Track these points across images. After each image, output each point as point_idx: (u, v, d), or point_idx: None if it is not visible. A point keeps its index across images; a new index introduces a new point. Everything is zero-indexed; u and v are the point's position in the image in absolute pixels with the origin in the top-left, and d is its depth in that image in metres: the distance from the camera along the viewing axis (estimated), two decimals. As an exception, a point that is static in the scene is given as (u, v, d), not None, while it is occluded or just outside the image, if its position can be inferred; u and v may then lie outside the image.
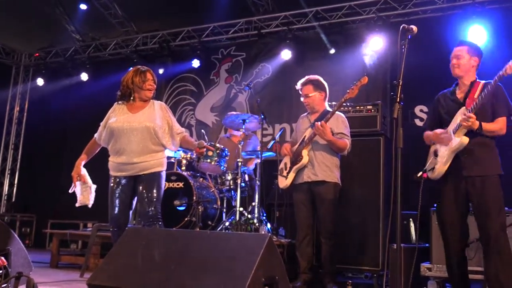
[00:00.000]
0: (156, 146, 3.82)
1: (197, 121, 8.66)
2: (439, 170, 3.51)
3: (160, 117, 3.87)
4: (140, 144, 3.77)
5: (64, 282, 4.44)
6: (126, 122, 3.81)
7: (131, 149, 3.77)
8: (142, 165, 3.77)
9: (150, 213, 3.70)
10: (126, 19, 9.04)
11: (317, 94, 4.69)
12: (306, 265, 4.58)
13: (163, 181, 3.89)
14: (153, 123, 3.78)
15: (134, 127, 3.78)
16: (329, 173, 4.53)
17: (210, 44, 8.74)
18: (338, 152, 4.56)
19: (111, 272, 2.74)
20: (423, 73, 6.20)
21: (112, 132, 3.83)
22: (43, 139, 9.81)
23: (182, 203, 5.78)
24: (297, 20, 7.91)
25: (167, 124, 3.90)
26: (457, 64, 3.58)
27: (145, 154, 3.78)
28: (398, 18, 7.17)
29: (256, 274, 2.39)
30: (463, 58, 3.57)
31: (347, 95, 4.39)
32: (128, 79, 3.94)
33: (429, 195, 3.63)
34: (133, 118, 3.82)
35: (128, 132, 3.78)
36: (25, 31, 9.33)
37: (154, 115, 3.85)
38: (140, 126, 3.77)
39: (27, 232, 9.13)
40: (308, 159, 4.57)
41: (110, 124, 3.85)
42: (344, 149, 4.52)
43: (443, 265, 4.19)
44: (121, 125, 3.80)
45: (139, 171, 3.78)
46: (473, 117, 3.31)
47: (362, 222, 4.97)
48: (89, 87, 9.26)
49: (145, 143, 3.78)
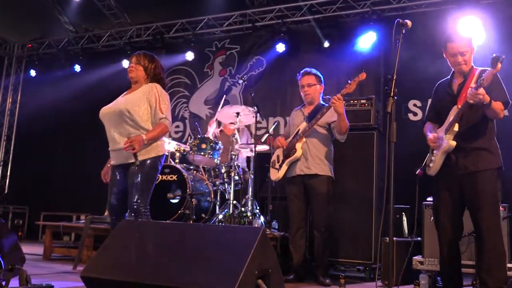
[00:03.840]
0: (137, 130, 3.59)
1: (190, 114, 8.64)
2: (434, 167, 3.52)
3: (143, 99, 3.64)
4: (119, 129, 3.61)
5: (57, 274, 4.43)
6: (107, 108, 3.70)
7: (113, 135, 3.66)
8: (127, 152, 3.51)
9: (133, 205, 3.54)
10: (120, 11, 8.98)
11: (318, 86, 4.73)
12: (299, 258, 4.60)
13: (153, 170, 3.65)
14: (126, 105, 3.57)
15: (111, 111, 3.64)
16: (322, 166, 4.55)
17: (204, 37, 8.71)
18: (342, 133, 4.52)
19: (105, 265, 2.74)
20: (417, 68, 6.21)
21: (101, 118, 3.75)
22: (36, 131, 9.76)
23: (175, 196, 5.77)
24: (291, 13, 7.90)
25: (149, 105, 3.65)
26: (463, 61, 3.48)
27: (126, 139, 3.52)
28: (393, 12, 7.17)
29: (249, 266, 2.39)
30: (468, 53, 3.48)
31: (344, 90, 4.36)
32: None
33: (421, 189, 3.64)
34: (114, 103, 3.70)
35: (108, 116, 3.67)
36: (18, 21, 9.25)
37: (134, 97, 3.66)
38: (113, 110, 3.62)
39: (19, 224, 9.10)
40: (301, 152, 4.59)
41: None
42: (347, 129, 4.51)
43: (435, 258, 4.23)
44: (103, 111, 3.71)
45: (126, 158, 3.59)
46: (481, 93, 3.15)
47: (355, 216, 4.99)
48: (82, 79, 9.23)
49: (124, 127, 3.59)
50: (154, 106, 3.65)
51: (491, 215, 3.34)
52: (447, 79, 3.69)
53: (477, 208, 3.34)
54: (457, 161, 3.42)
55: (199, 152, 5.66)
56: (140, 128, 3.60)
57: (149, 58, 3.87)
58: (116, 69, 8.91)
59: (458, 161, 3.42)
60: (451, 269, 3.54)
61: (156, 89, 3.70)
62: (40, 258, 5.73)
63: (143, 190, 3.57)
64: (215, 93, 8.53)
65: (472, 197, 3.38)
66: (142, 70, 3.81)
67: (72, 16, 9.24)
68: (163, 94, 3.73)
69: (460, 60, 3.48)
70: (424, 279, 4.37)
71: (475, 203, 3.36)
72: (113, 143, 3.68)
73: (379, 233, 4.67)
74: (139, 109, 3.61)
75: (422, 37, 6.19)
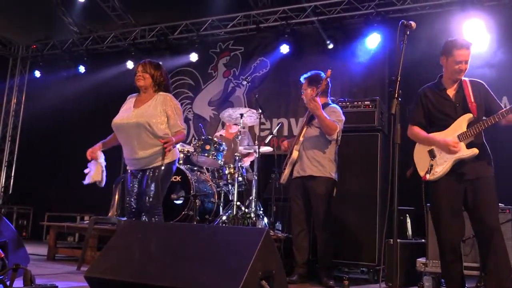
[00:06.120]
0: (154, 139, 3.83)
1: (194, 115, 8.65)
2: (441, 172, 3.50)
3: (160, 110, 3.89)
4: (138, 139, 3.84)
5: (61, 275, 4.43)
6: (124, 119, 3.89)
7: (132, 144, 3.87)
8: (145, 160, 3.85)
9: (148, 206, 3.78)
10: (124, 12, 9.00)
11: (309, 90, 4.70)
12: (302, 259, 4.60)
13: (168, 174, 3.94)
14: (146, 118, 3.81)
15: (130, 123, 3.84)
16: (319, 168, 4.54)
17: (208, 38, 8.72)
18: (327, 133, 4.49)
19: (108, 265, 2.74)
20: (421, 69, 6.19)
21: (115, 128, 3.96)
22: (40, 132, 9.79)
23: (179, 197, 5.79)
24: (295, 14, 7.90)
25: (166, 117, 3.91)
26: (465, 68, 3.52)
27: (146, 149, 3.83)
28: (397, 13, 7.16)
29: (253, 267, 2.40)
30: (468, 62, 3.53)
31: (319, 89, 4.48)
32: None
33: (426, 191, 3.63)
34: (132, 113, 3.90)
35: (126, 128, 3.87)
36: (22, 23, 9.28)
37: (151, 109, 3.88)
38: (134, 122, 3.83)
39: (24, 224, 9.13)
40: (297, 154, 4.62)
41: (113, 120, 3.95)
42: (332, 130, 4.46)
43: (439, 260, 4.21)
44: (120, 122, 3.90)
45: (144, 165, 3.88)
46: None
47: (359, 217, 4.98)
48: (87, 80, 9.26)
49: (143, 138, 3.83)
50: (171, 117, 3.91)
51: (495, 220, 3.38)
52: (434, 84, 3.70)
53: (483, 213, 3.36)
54: (468, 166, 3.44)
55: (203, 153, 5.67)
56: (157, 138, 3.81)
57: (154, 66, 4.06)
58: (120, 70, 8.94)
59: (468, 166, 3.44)
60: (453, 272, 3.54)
61: (171, 101, 3.95)
62: (44, 259, 5.74)
63: (158, 192, 3.81)
64: (219, 94, 8.54)
65: (478, 203, 3.39)
66: (149, 78, 4.01)
67: (77, 17, 9.27)
68: (177, 106, 4.01)
69: (463, 68, 3.52)
70: (428, 281, 4.36)
71: (482, 209, 3.38)
72: (131, 152, 3.89)
73: (383, 235, 4.64)
74: (158, 122, 3.85)
75: (427, 38, 6.17)
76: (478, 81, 3.61)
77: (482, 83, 3.60)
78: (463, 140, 3.44)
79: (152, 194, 3.80)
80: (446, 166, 3.48)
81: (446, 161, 3.49)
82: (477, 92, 3.52)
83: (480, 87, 3.57)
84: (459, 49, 3.49)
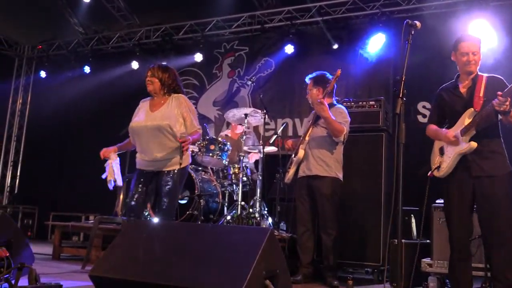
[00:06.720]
0: (173, 142, 3.88)
1: (199, 115, 8.63)
2: (447, 169, 3.49)
3: (177, 113, 3.95)
4: (157, 142, 3.88)
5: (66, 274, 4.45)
6: (143, 122, 3.94)
7: (151, 147, 3.90)
8: (161, 162, 3.91)
9: (164, 208, 3.85)
10: (129, 12, 9.03)
11: (314, 90, 4.71)
12: (306, 259, 4.60)
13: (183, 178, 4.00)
14: (167, 121, 3.86)
15: (150, 126, 3.89)
16: (325, 167, 4.55)
17: (213, 38, 8.73)
18: (334, 135, 4.53)
19: (113, 264, 2.75)
20: (426, 69, 6.19)
21: (133, 131, 4.00)
22: (45, 132, 9.82)
23: (184, 197, 5.79)
24: (300, 15, 7.90)
25: (182, 119, 3.98)
26: (474, 60, 3.48)
27: (164, 151, 3.88)
28: (402, 13, 7.15)
29: (257, 267, 2.39)
30: (477, 54, 3.50)
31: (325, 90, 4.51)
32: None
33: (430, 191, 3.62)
34: (150, 117, 3.95)
35: (146, 131, 3.91)
36: (28, 23, 9.33)
37: (169, 112, 3.94)
38: (155, 125, 3.87)
39: (29, 224, 9.17)
40: (303, 153, 4.62)
41: (131, 124, 4.01)
42: (340, 132, 4.50)
43: (443, 261, 4.20)
44: (139, 125, 3.95)
45: (161, 167, 3.92)
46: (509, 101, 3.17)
47: (363, 218, 4.97)
48: (92, 80, 9.28)
49: (163, 140, 3.87)
50: (187, 118, 3.98)
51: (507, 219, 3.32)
52: (451, 83, 3.69)
53: (494, 213, 3.31)
54: (473, 163, 3.41)
55: (207, 153, 5.67)
56: (176, 139, 3.87)
57: (162, 69, 4.09)
58: (125, 70, 8.97)
59: (474, 163, 3.40)
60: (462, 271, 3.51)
61: (185, 102, 4.02)
62: (49, 258, 5.77)
63: (172, 195, 3.88)
64: (223, 95, 8.55)
65: (489, 202, 3.35)
66: (157, 82, 4.04)
67: (82, 18, 9.31)
68: (192, 107, 4.09)
69: (471, 59, 3.48)
70: (433, 281, 4.35)
71: (492, 208, 3.33)
72: (150, 154, 3.92)
73: (387, 235, 4.64)
74: (177, 124, 3.92)
75: (432, 38, 6.15)
76: (496, 77, 3.50)
77: (500, 78, 3.48)
78: (465, 134, 3.41)
79: (167, 197, 3.86)
80: (450, 162, 3.46)
81: (450, 157, 3.48)
82: (491, 87, 3.40)
83: (497, 82, 3.44)
84: (463, 41, 3.52)
